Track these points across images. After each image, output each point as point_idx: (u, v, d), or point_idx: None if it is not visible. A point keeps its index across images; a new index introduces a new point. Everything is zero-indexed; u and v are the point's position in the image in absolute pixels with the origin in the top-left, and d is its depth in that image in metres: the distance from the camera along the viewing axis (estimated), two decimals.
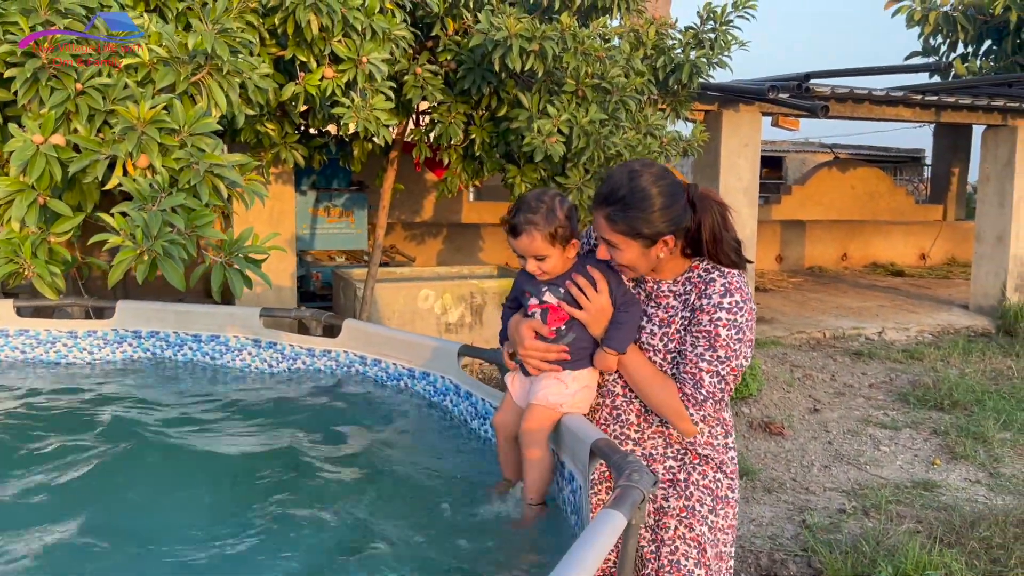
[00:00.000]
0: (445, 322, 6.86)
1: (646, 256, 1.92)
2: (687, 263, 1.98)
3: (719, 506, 2.01)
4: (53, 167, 2.65)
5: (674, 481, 2.02)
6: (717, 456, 2.02)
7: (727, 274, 1.92)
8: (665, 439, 2.03)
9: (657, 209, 1.85)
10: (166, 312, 3.62)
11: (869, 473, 4.85)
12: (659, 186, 1.86)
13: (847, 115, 8.82)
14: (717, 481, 2.01)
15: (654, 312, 2.00)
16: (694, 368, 1.90)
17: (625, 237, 1.88)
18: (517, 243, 2.05)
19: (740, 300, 1.89)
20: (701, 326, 1.90)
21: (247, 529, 2.22)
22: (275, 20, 3.65)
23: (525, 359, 2.08)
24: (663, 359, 1.97)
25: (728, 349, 1.88)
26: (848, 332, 8.58)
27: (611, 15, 5.16)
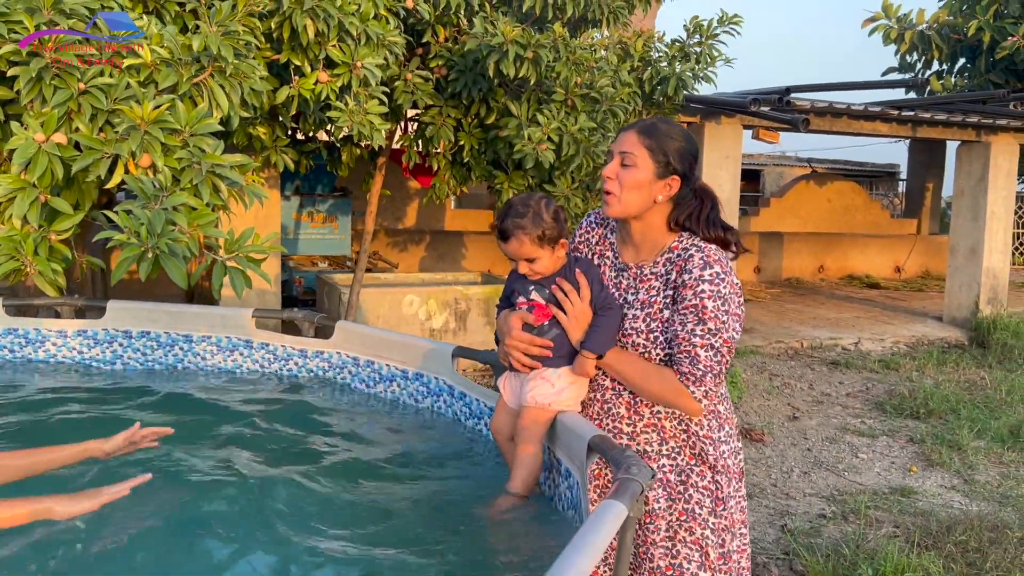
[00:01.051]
0: (429, 328, 6.90)
1: (650, 187, 1.99)
2: (670, 238, 2.04)
3: (719, 507, 2.01)
4: (55, 165, 2.67)
5: (665, 482, 2.02)
6: (714, 451, 2.01)
7: (705, 248, 1.98)
8: (659, 434, 2.02)
9: (682, 144, 2.01)
10: (157, 312, 3.64)
11: (848, 479, 4.95)
12: (685, 133, 2.04)
13: (826, 129, 8.99)
14: (716, 482, 2.01)
15: (635, 297, 2.05)
16: (688, 345, 1.92)
17: (648, 153, 1.98)
18: (507, 247, 2.12)
19: (720, 272, 1.94)
20: (686, 302, 1.94)
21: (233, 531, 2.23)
22: (271, 24, 3.69)
23: (510, 349, 2.14)
24: (646, 339, 1.99)
25: (717, 321, 1.91)
26: (825, 342, 8.72)
27: (599, 27, 5.25)
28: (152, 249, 2.59)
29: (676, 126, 2.03)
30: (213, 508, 2.37)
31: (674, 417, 2.02)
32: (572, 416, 2.10)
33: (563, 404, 2.14)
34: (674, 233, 2.04)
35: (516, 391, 2.24)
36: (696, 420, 2.01)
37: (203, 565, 2.07)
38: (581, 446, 1.96)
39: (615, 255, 2.14)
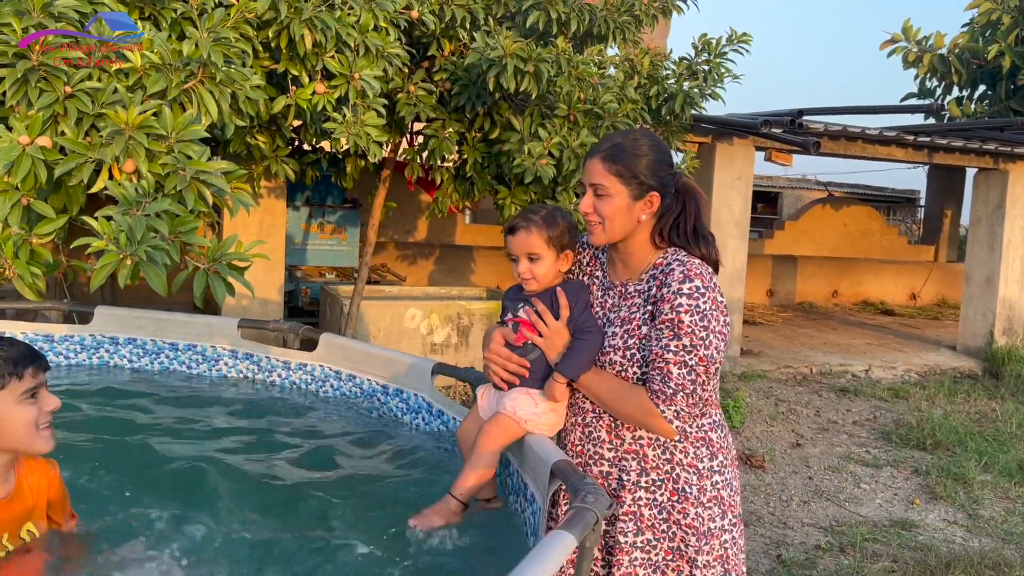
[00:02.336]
0: (431, 342, 6.86)
1: (629, 212, 1.94)
2: (656, 255, 1.98)
3: (703, 542, 1.91)
4: (39, 169, 2.65)
5: (636, 516, 1.93)
6: (699, 482, 1.92)
7: (687, 262, 1.91)
8: (640, 462, 1.94)
9: (649, 158, 1.94)
10: (144, 319, 3.62)
11: (848, 510, 4.84)
12: (652, 142, 1.97)
13: (840, 153, 8.90)
14: (699, 518, 1.91)
15: (616, 315, 1.99)
16: (660, 362, 1.85)
17: (618, 179, 1.92)
18: (514, 239, 2.09)
19: (701, 286, 1.86)
20: (663, 315, 1.86)
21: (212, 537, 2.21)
22: (269, 33, 3.68)
23: (488, 362, 2.10)
24: (622, 356, 1.93)
25: (693, 336, 1.83)
26: (835, 368, 8.59)
27: (606, 43, 5.22)
28: (131, 256, 2.56)
29: (641, 137, 1.97)
30: (184, 513, 2.35)
31: (658, 445, 1.94)
32: (540, 439, 2.04)
33: (538, 427, 2.09)
34: (660, 249, 1.99)
35: (493, 404, 2.18)
36: (681, 447, 1.93)
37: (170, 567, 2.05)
38: (544, 471, 1.90)
39: (604, 275, 2.09)
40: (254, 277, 6.89)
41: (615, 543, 1.92)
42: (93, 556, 2.11)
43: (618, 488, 1.95)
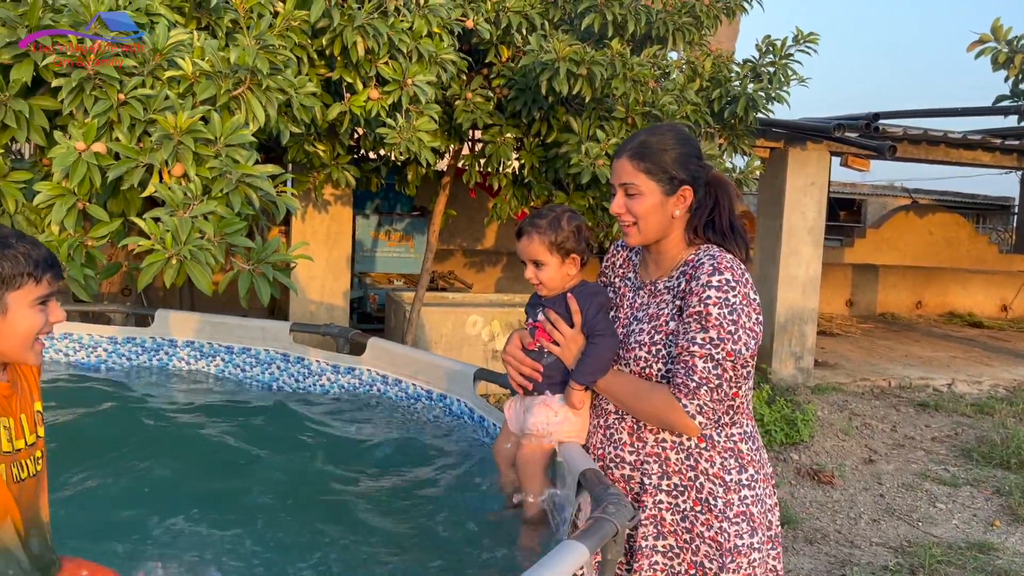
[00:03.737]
0: (492, 349, 6.84)
1: (662, 209, 1.88)
2: (689, 252, 1.92)
3: (728, 559, 1.80)
4: (93, 174, 2.74)
5: (657, 520, 1.85)
6: (725, 495, 1.81)
7: (718, 255, 1.83)
8: (662, 466, 1.85)
9: (677, 151, 1.88)
10: (202, 322, 3.70)
11: (921, 530, 4.59)
12: (678, 135, 1.91)
13: (921, 157, 8.52)
14: (723, 533, 1.81)
15: (645, 312, 1.92)
16: (686, 355, 1.78)
17: (648, 177, 1.87)
18: (519, 244, 2.08)
19: (732, 279, 1.78)
20: (691, 308, 1.79)
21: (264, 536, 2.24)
22: (323, 41, 3.73)
23: (505, 365, 2.08)
24: (648, 352, 1.86)
25: (721, 330, 1.75)
26: (915, 382, 8.21)
27: (667, 45, 5.12)
28: (176, 256, 2.61)
29: (667, 131, 1.91)
30: (234, 509, 2.39)
31: (682, 450, 1.85)
32: (570, 447, 1.98)
33: (564, 434, 2.03)
34: (693, 247, 1.92)
35: (519, 416, 2.15)
36: (707, 456, 1.83)
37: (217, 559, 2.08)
38: (572, 479, 1.84)
39: (635, 275, 2.03)
40: (322, 283, 7.03)
41: (637, 548, 1.85)
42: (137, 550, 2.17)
43: (639, 492, 1.87)
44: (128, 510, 2.35)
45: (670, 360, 1.83)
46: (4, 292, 1.45)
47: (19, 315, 1.47)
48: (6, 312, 1.46)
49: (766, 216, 8.27)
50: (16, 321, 1.47)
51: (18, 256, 1.46)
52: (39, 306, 1.50)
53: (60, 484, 2.47)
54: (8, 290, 1.45)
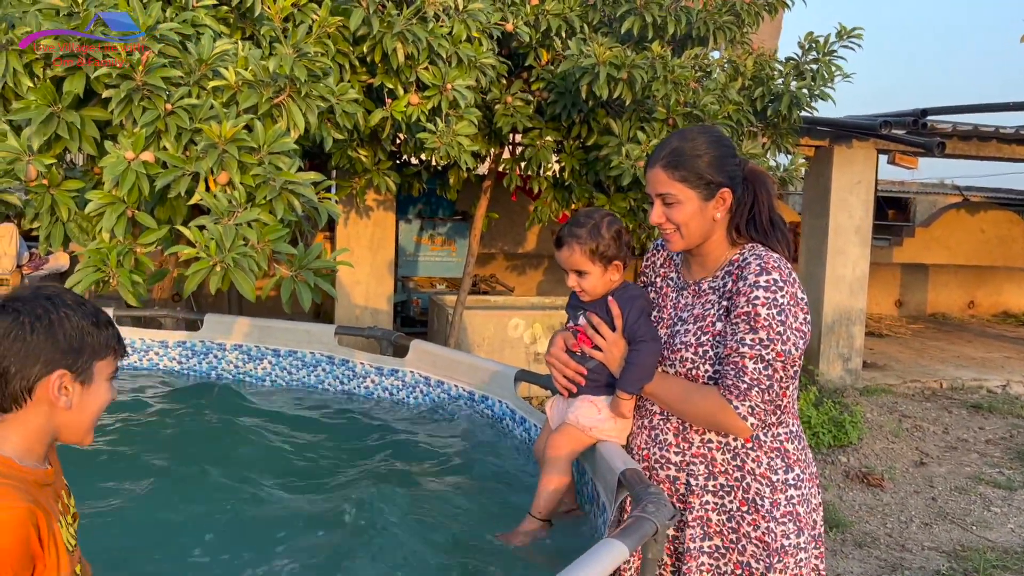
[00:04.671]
0: (534, 352, 6.84)
1: (703, 214, 1.85)
2: (732, 251, 1.89)
3: (775, 559, 1.79)
4: (142, 182, 2.81)
5: (703, 520, 1.84)
6: (772, 495, 1.80)
7: (764, 255, 1.81)
8: (708, 467, 1.84)
9: (711, 155, 1.84)
10: (250, 326, 3.77)
11: (975, 534, 4.48)
12: (710, 137, 1.87)
13: (972, 154, 8.31)
14: (770, 533, 1.79)
15: (689, 313, 1.90)
16: (736, 356, 1.76)
17: (684, 185, 1.84)
18: (559, 254, 2.06)
19: (779, 279, 1.76)
20: (738, 309, 1.77)
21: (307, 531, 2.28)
22: (364, 48, 3.78)
23: (549, 366, 2.08)
24: (694, 353, 1.84)
25: (770, 330, 1.73)
26: (968, 383, 8.00)
27: (707, 45, 5.08)
28: (221, 263, 2.67)
29: (698, 136, 1.87)
30: (283, 507, 2.44)
31: (728, 450, 1.83)
32: (610, 447, 1.98)
33: (605, 433, 2.03)
34: (737, 246, 1.90)
35: (561, 414, 2.15)
36: (754, 456, 1.81)
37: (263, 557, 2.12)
38: (613, 479, 1.84)
39: (678, 275, 2.02)
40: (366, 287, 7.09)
41: (684, 549, 1.83)
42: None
43: (686, 493, 1.85)
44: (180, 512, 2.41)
45: (717, 361, 1.81)
46: (92, 361, 1.40)
47: (100, 387, 1.43)
48: (91, 382, 1.41)
49: (812, 215, 8.14)
50: (97, 393, 1.42)
51: (105, 328, 1.44)
52: (111, 381, 1.48)
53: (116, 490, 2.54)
54: (96, 359, 1.41)
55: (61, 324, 1.36)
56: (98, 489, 2.49)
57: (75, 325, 1.38)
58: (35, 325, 1.34)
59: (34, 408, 1.35)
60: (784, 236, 1.88)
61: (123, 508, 2.42)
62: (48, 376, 1.34)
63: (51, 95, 2.82)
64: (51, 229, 2.94)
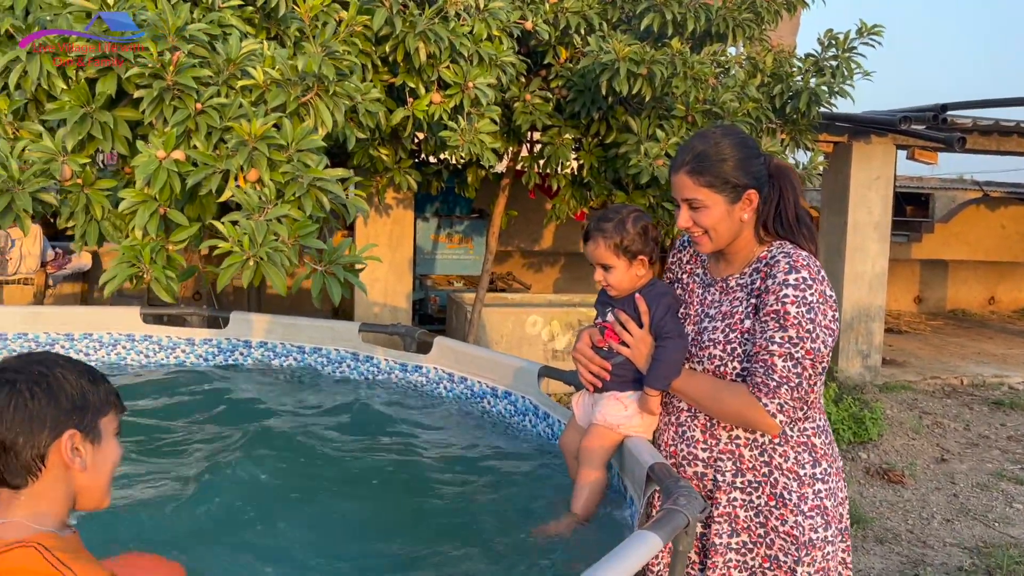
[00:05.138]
0: (552, 349, 6.87)
1: (730, 217, 1.87)
2: (759, 250, 1.91)
3: (804, 552, 1.81)
4: (173, 180, 2.86)
5: (731, 517, 1.86)
6: (799, 489, 1.82)
7: (793, 253, 1.83)
8: (736, 463, 1.86)
9: (736, 158, 1.85)
10: (274, 324, 3.82)
11: (997, 531, 4.47)
12: (733, 140, 1.88)
13: (993, 149, 8.27)
14: (799, 527, 1.81)
15: (717, 310, 1.93)
16: (765, 354, 1.78)
17: (710, 190, 1.86)
18: (586, 248, 2.10)
19: (808, 277, 1.78)
20: (768, 307, 1.79)
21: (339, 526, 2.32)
22: (386, 48, 3.82)
23: (575, 362, 2.11)
24: (722, 351, 1.87)
25: (799, 328, 1.75)
26: (989, 380, 7.97)
27: (727, 42, 5.08)
28: (254, 257, 2.72)
29: (721, 138, 1.88)
30: (313, 503, 2.48)
31: (756, 446, 1.86)
32: (637, 442, 2.01)
33: (632, 429, 2.06)
34: (764, 243, 1.92)
35: (588, 410, 2.18)
36: (781, 451, 1.84)
37: (299, 547, 2.17)
38: (641, 473, 1.87)
39: (704, 272, 2.04)
40: (385, 285, 7.15)
41: (711, 545, 1.86)
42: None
43: (713, 489, 1.88)
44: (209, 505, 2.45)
45: (745, 358, 1.83)
46: (97, 419, 1.36)
47: (110, 444, 1.38)
48: (100, 441, 1.36)
49: (830, 212, 8.12)
50: (108, 450, 1.38)
51: (102, 383, 1.40)
52: (117, 437, 1.42)
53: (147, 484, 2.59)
54: (100, 417, 1.37)
55: (60, 385, 1.32)
56: (138, 483, 2.54)
57: (74, 384, 1.33)
58: (34, 390, 1.29)
59: (50, 475, 1.30)
60: (810, 231, 1.90)
61: (160, 503, 2.46)
62: (59, 439, 1.30)
63: (84, 96, 2.87)
64: (86, 227, 2.99)
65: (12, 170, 2.74)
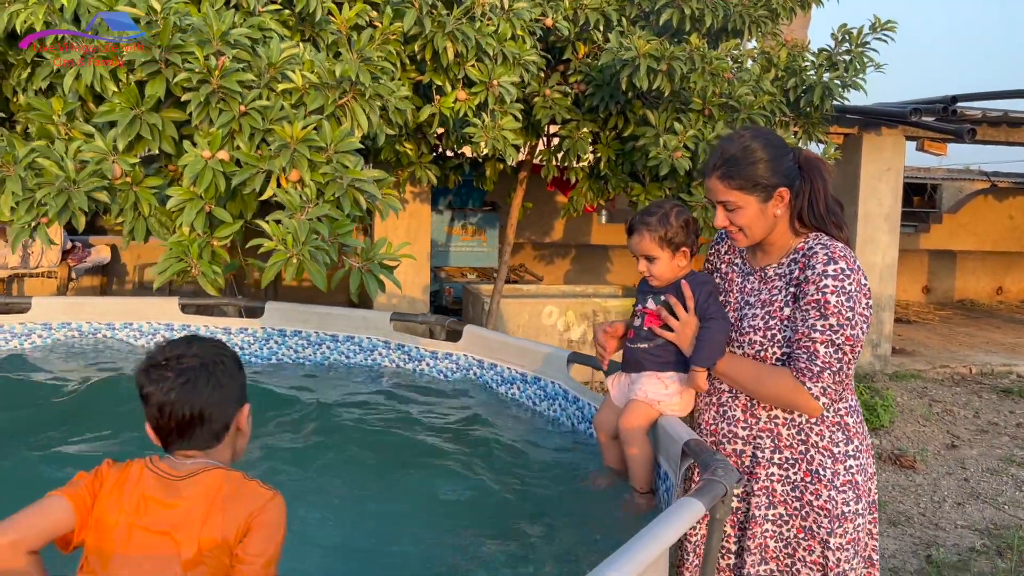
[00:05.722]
0: (567, 339, 7.01)
1: (764, 215, 1.99)
2: (795, 241, 2.03)
3: (836, 524, 1.94)
4: (218, 179, 3.00)
5: (769, 491, 2.00)
6: (833, 466, 1.95)
7: (830, 245, 1.94)
8: (775, 440, 1.99)
9: (766, 159, 1.96)
10: (308, 313, 3.96)
11: (1008, 513, 4.60)
12: (762, 142, 1.98)
13: (1002, 140, 8.35)
14: (832, 501, 1.94)
15: (756, 298, 2.05)
16: (807, 341, 1.89)
17: (742, 193, 1.97)
18: (630, 240, 2.22)
19: (846, 267, 1.90)
20: (808, 297, 1.91)
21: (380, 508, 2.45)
22: (415, 47, 3.95)
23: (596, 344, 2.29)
24: (763, 336, 1.98)
25: (840, 316, 1.87)
26: (998, 369, 8.07)
27: (743, 37, 5.19)
28: (297, 255, 2.86)
29: (750, 141, 1.99)
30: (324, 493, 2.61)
31: (793, 425, 1.99)
32: (672, 420, 2.14)
33: (671, 407, 2.19)
34: (800, 235, 2.04)
35: (624, 390, 2.31)
36: (817, 430, 1.97)
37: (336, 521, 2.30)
38: (676, 449, 2.00)
39: (743, 262, 2.16)
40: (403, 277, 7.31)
41: (751, 517, 2.00)
42: None
43: (752, 465, 2.02)
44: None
45: (785, 344, 1.96)
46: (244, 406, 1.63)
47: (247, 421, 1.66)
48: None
49: None
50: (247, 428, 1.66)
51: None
52: None
53: None
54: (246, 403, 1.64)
55: (235, 367, 1.60)
56: None
57: (238, 365, 1.61)
58: (222, 371, 1.56)
59: (229, 439, 1.59)
60: (839, 220, 2.02)
61: None
62: (240, 411, 1.60)
63: (134, 98, 3.01)
64: (134, 224, 3.13)
65: (68, 170, 2.89)
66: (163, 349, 1.56)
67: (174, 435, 1.53)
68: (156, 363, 1.53)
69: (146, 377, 1.52)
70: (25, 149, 2.89)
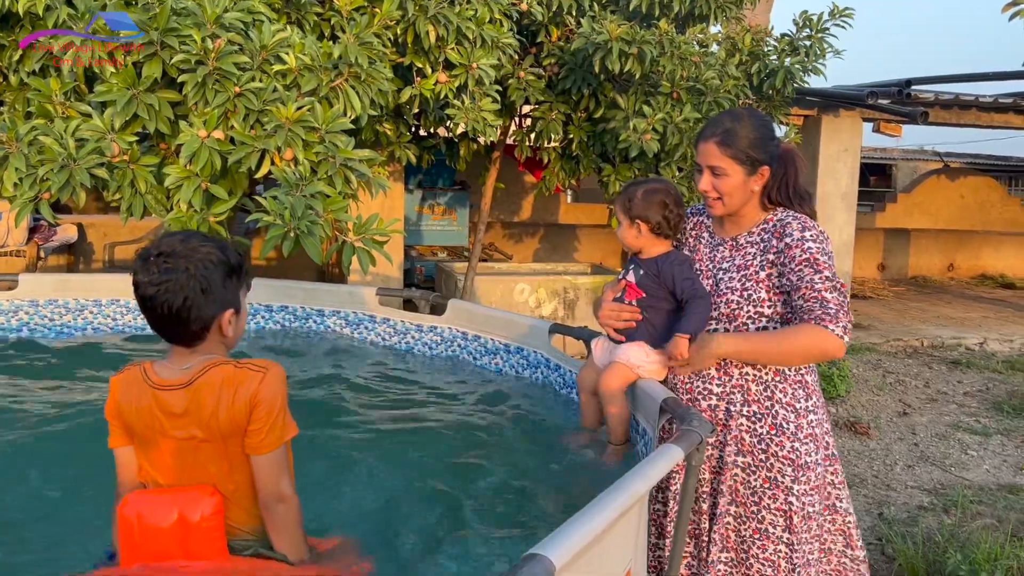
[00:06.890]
0: (539, 315, 7.21)
1: (744, 186, 2.21)
2: (763, 215, 2.26)
3: (800, 473, 2.15)
4: (214, 158, 3.12)
5: (737, 439, 2.22)
6: (796, 420, 2.16)
7: (800, 217, 2.20)
8: (744, 395, 2.21)
9: (760, 138, 2.19)
10: (295, 289, 4.10)
11: (954, 475, 4.92)
12: (757, 121, 2.22)
13: (952, 122, 8.70)
14: (795, 451, 2.16)
15: (731, 263, 2.26)
16: (813, 293, 2.10)
17: (733, 161, 2.19)
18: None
19: (819, 233, 2.16)
20: (797, 259, 2.13)
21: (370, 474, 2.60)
22: (397, 30, 4.07)
23: (603, 320, 2.42)
24: (740, 296, 2.21)
25: (830, 269, 2.11)
26: (947, 342, 8.47)
27: (708, 22, 5.39)
28: (294, 230, 3.00)
29: (748, 118, 2.22)
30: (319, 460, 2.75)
31: (761, 382, 2.21)
32: (648, 382, 2.34)
33: (649, 372, 2.39)
34: (768, 210, 2.27)
35: (607, 353, 2.50)
36: (781, 387, 2.19)
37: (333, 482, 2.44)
38: (654, 407, 2.20)
39: (711, 234, 2.38)
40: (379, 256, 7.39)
41: (723, 464, 2.23)
42: None
43: (725, 418, 2.24)
44: None
45: (758, 303, 2.19)
46: (240, 298, 1.75)
47: (244, 308, 1.79)
48: (240, 309, 1.75)
49: None
50: (244, 313, 1.78)
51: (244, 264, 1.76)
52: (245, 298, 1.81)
53: None
54: (241, 293, 1.75)
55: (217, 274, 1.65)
56: None
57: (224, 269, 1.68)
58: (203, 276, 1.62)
59: (213, 338, 1.70)
60: (804, 203, 2.26)
61: None
62: (219, 316, 1.68)
63: (131, 79, 3.11)
64: (131, 200, 3.24)
65: (69, 147, 2.99)
66: (159, 243, 1.63)
67: (159, 329, 1.65)
68: (147, 256, 1.61)
69: (136, 267, 1.61)
70: (27, 127, 2.98)
